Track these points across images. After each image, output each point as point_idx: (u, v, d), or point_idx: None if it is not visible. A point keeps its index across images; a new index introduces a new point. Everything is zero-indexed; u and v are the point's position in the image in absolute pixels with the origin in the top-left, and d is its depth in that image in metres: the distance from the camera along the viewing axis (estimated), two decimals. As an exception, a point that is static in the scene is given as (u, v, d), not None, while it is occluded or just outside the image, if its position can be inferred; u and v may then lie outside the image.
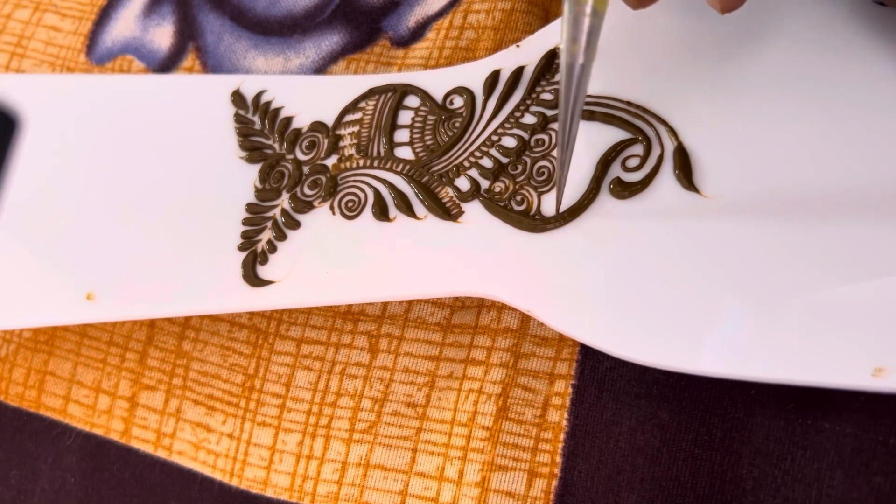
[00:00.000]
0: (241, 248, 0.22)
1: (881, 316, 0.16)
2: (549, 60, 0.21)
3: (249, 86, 0.24)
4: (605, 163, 0.19)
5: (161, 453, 0.24)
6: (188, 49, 0.27)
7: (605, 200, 0.19)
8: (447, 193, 0.21)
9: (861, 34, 0.18)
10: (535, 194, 0.20)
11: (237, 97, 0.24)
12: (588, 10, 0.16)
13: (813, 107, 0.18)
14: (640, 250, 0.19)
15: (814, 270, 0.17)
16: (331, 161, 0.23)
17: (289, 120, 0.23)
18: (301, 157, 0.23)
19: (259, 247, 0.22)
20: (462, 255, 0.20)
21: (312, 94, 0.24)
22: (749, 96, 0.19)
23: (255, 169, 0.23)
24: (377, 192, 0.22)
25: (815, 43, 0.18)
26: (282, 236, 0.22)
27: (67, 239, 0.24)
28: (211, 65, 0.26)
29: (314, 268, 0.21)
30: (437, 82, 0.22)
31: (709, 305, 0.18)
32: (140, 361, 0.24)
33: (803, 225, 0.17)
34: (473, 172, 0.21)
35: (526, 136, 0.21)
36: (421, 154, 0.22)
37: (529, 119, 0.21)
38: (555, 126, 0.20)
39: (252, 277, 0.22)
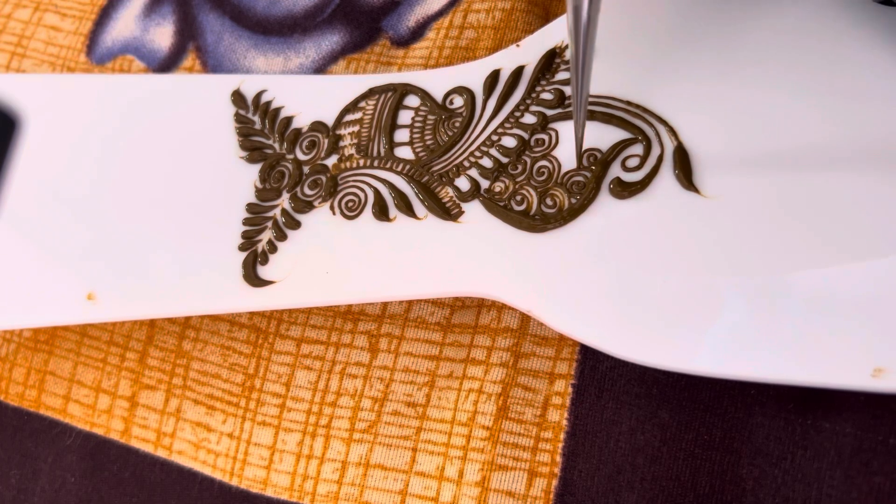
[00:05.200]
0: (242, 248, 0.22)
1: (880, 316, 0.16)
2: (549, 60, 0.21)
3: (250, 85, 0.24)
4: (604, 163, 0.19)
5: (161, 453, 0.24)
6: (188, 49, 0.27)
7: (605, 200, 0.19)
8: (447, 193, 0.21)
9: (862, 33, 0.18)
10: (534, 194, 0.20)
11: (237, 97, 0.24)
12: None
13: (815, 106, 0.18)
14: (639, 250, 0.19)
15: (814, 271, 0.17)
16: (331, 161, 0.23)
17: (289, 120, 0.23)
18: (301, 156, 0.23)
19: (259, 247, 0.22)
20: (462, 255, 0.20)
21: (312, 94, 0.24)
22: (750, 96, 0.19)
23: (255, 169, 0.23)
24: (377, 192, 0.22)
25: (817, 43, 0.18)
26: (282, 236, 0.22)
27: (67, 239, 0.24)
28: (211, 64, 0.26)
29: (314, 268, 0.21)
30: (437, 82, 0.22)
31: (708, 306, 0.18)
32: (140, 361, 0.24)
33: (804, 226, 0.17)
34: (473, 172, 0.21)
35: (526, 135, 0.21)
36: (421, 154, 0.22)
37: (529, 119, 0.21)
38: (554, 126, 0.20)
39: (252, 277, 0.22)
